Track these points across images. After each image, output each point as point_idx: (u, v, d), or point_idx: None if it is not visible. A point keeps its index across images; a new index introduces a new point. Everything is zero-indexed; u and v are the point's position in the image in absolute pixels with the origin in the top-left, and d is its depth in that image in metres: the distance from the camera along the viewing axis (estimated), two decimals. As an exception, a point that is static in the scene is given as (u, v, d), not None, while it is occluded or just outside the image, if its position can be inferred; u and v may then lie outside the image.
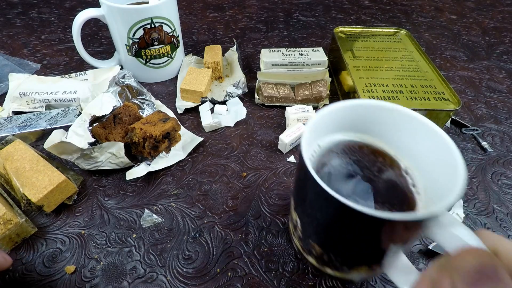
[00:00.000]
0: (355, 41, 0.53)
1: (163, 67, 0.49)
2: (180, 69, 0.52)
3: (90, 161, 0.35)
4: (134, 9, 0.42)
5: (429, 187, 0.22)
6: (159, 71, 0.50)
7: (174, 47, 0.49)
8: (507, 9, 0.79)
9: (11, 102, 0.43)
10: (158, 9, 0.43)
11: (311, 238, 0.23)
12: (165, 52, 0.48)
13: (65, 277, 0.28)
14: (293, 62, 0.48)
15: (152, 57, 0.47)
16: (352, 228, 0.19)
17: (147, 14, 0.43)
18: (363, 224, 0.18)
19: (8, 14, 0.66)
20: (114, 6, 0.42)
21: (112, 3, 0.42)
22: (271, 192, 0.35)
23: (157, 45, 0.46)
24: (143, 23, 0.43)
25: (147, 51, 0.46)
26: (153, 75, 0.50)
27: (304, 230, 0.24)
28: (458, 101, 0.41)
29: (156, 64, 0.48)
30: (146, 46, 0.46)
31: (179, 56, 0.52)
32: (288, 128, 0.40)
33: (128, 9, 0.42)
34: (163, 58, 0.48)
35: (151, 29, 0.44)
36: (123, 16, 0.43)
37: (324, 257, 0.23)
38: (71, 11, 0.68)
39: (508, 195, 0.36)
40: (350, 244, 0.21)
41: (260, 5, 0.74)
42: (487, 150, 0.41)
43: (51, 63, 0.53)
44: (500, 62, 0.59)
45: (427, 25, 0.70)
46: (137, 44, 0.45)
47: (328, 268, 0.24)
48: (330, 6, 0.75)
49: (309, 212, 0.22)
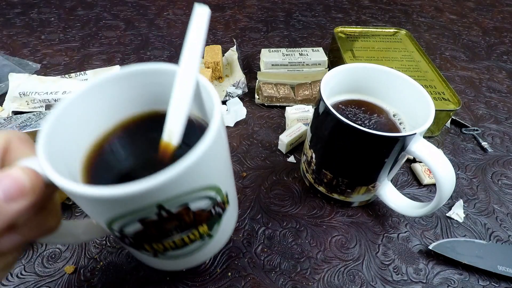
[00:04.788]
0: (355, 41, 0.53)
1: (189, 255, 0.23)
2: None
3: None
4: (110, 197, 0.15)
5: (411, 122, 0.30)
6: (180, 262, 0.24)
7: (218, 218, 0.22)
8: (507, 9, 0.79)
9: (11, 102, 0.43)
10: (178, 182, 0.16)
11: (324, 167, 0.31)
12: (194, 238, 0.22)
13: (64, 277, 0.28)
14: (293, 62, 0.48)
15: (168, 248, 0.21)
16: (359, 149, 0.27)
17: (145, 200, 0.16)
18: (369, 143, 0.26)
19: (8, 14, 0.66)
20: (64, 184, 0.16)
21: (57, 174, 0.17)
22: (271, 192, 0.35)
23: (179, 233, 0.20)
24: (137, 215, 0.17)
25: (157, 245, 0.21)
26: (169, 265, 0.25)
27: (318, 162, 0.31)
28: (458, 101, 0.41)
29: (176, 254, 0.22)
30: (152, 240, 0.20)
31: (227, 219, 0.24)
32: (288, 128, 0.40)
33: (93, 197, 0.15)
34: (191, 245, 0.22)
35: (163, 219, 0.18)
36: (85, 205, 0.18)
37: (333, 183, 0.31)
38: (71, 11, 0.68)
39: (508, 195, 0.36)
40: (355, 166, 0.29)
41: (260, 5, 0.74)
42: (487, 150, 0.41)
43: (51, 63, 0.53)
44: (500, 62, 0.59)
45: (427, 25, 0.70)
46: (132, 237, 0.19)
47: (335, 193, 0.33)
48: (330, 6, 0.75)
49: (325, 144, 0.29)
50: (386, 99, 0.33)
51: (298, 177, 0.37)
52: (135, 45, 0.58)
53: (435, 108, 0.27)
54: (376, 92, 0.33)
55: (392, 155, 0.27)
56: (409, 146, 0.26)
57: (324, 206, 0.34)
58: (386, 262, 0.30)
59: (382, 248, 0.31)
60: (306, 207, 0.34)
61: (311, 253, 0.30)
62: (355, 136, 0.26)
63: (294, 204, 0.34)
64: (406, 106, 0.31)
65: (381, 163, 0.28)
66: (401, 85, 0.31)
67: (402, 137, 0.25)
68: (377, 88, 0.33)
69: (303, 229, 0.32)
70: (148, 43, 0.59)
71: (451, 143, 0.43)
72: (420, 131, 0.25)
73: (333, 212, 0.34)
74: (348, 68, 0.32)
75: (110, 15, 0.67)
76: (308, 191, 0.36)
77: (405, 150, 0.27)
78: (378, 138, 0.25)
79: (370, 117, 0.31)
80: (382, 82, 0.32)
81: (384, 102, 0.33)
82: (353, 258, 0.30)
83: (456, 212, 0.34)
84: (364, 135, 0.25)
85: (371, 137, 0.25)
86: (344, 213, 0.34)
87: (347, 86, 0.33)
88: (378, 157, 0.27)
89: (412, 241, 0.32)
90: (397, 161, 0.28)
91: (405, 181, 0.38)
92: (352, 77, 0.32)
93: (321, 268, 0.29)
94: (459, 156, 0.41)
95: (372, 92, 0.33)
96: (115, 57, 0.55)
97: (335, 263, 0.30)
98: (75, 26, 0.63)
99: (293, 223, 0.33)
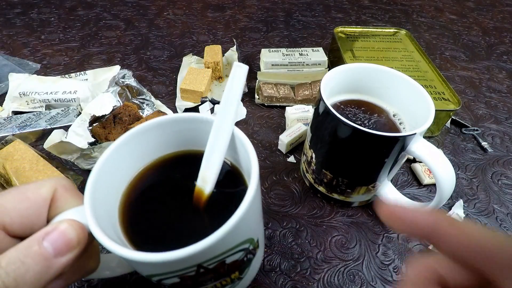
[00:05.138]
0: (355, 41, 0.53)
1: None
2: (180, 69, 0.52)
3: (90, 161, 0.35)
4: (156, 260, 0.15)
5: (411, 122, 0.30)
6: None
7: (249, 263, 0.22)
8: (507, 9, 0.79)
9: (11, 102, 0.43)
10: (218, 246, 0.17)
11: (324, 167, 0.31)
12: (226, 283, 0.21)
13: (65, 277, 0.28)
14: (293, 62, 0.48)
15: None
16: (359, 149, 0.27)
17: (186, 263, 0.17)
18: (369, 143, 0.26)
19: (8, 14, 0.66)
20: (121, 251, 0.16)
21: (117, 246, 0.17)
22: (271, 192, 0.35)
23: (213, 282, 0.20)
24: (176, 273, 0.17)
25: None
26: None
27: (318, 162, 0.31)
28: (458, 101, 0.41)
29: None
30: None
31: (257, 260, 0.24)
32: (288, 128, 0.40)
33: (136, 261, 0.16)
34: None
35: (200, 274, 0.18)
36: (128, 262, 0.17)
37: (333, 183, 0.31)
38: (71, 11, 0.68)
39: (508, 195, 0.36)
40: (355, 166, 0.29)
41: (260, 5, 0.74)
42: (487, 150, 0.41)
43: (51, 63, 0.53)
44: (500, 62, 0.59)
45: (427, 25, 0.70)
46: (168, 287, 0.19)
47: (335, 193, 0.32)
48: (330, 6, 0.75)
49: (325, 144, 0.29)
50: (386, 99, 0.33)
51: (298, 177, 0.37)
52: (135, 45, 0.58)
53: (435, 108, 0.27)
54: (376, 92, 0.33)
55: (392, 155, 0.27)
56: (409, 146, 0.26)
57: (324, 206, 0.34)
58: (386, 262, 0.30)
59: (382, 248, 0.31)
60: (306, 207, 0.34)
61: (311, 253, 0.30)
62: (355, 136, 0.26)
63: (294, 204, 0.34)
64: (406, 106, 0.31)
65: (381, 163, 0.28)
66: (401, 85, 0.31)
67: (402, 137, 0.25)
68: (377, 88, 0.33)
69: (303, 229, 0.32)
70: (148, 43, 0.59)
71: (451, 143, 0.43)
72: (420, 131, 0.25)
73: (333, 212, 0.34)
74: (348, 68, 0.32)
75: (110, 15, 0.67)
76: (308, 191, 0.36)
77: (405, 150, 0.27)
78: (378, 138, 0.25)
79: (370, 117, 0.31)
80: (382, 82, 0.32)
81: (384, 102, 0.33)
82: (353, 258, 0.30)
83: (456, 212, 0.34)
84: (364, 135, 0.25)
85: (371, 137, 0.25)
86: (344, 213, 0.34)
87: (347, 86, 0.33)
88: (378, 157, 0.27)
89: (412, 241, 0.32)
90: (397, 161, 0.28)
91: (405, 181, 0.38)
92: (352, 77, 0.32)
93: (321, 268, 0.29)
94: (459, 156, 0.41)
95: (372, 92, 0.33)
96: (115, 57, 0.55)
97: (335, 263, 0.30)
98: (75, 26, 0.63)
99: (293, 223, 0.33)
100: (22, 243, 0.16)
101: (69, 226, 0.17)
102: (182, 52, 0.57)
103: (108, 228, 0.18)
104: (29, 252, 0.15)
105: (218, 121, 0.20)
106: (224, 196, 0.21)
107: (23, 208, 0.17)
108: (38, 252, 0.15)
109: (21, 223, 0.17)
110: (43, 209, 0.18)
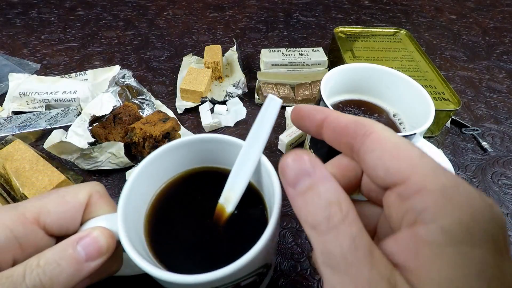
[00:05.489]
0: (355, 41, 0.53)
1: None
2: (180, 69, 0.52)
3: (90, 161, 0.35)
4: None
5: (411, 122, 0.31)
6: None
7: (261, 283, 0.23)
8: (507, 9, 0.79)
9: (11, 102, 0.43)
10: (237, 273, 0.17)
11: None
12: None
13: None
14: (293, 62, 0.48)
15: None
16: None
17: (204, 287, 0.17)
18: None
19: (8, 14, 0.66)
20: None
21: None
22: (271, 192, 0.35)
23: None
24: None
25: None
26: None
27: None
28: (458, 101, 0.41)
29: None
30: None
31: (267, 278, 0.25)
32: (288, 128, 0.40)
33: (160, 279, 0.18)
34: None
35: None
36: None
37: None
38: (71, 11, 0.68)
39: (508, 195, 0.36)
40: None
41: (260, 5, 0.74)
42: (487, 150, 0.41)
43: (51, 63, 0.53)
44: (500, 62, 0.59)
45: (427, 25, 0.70)
46: None
47: None
48: (330, 6, 0.75)
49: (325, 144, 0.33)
50: (386, 99, 0.33)
51: (298, 177, 0.37)
52: (135, 45, 0.58)
53: (435, 108, 0.27)
54: (376, 92, 0.33)
55: None
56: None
57: (324, 206, 0.34)
58: (386, 262, 0.30)
59: (382, 248, 0.31)
60: (306, 207, 0.34)
61: (311, 253, 0.30)
62: None
63: (294, 204, 0.34)
64: (406, 106, 0.31)
65: None
66: (401, 85, 0.31)
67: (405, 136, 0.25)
68: (377, 88, 0.33)
69: (303, 229, 0.32)
70: (148, 43, 0.59)
71: (451, 143, 0.43)
72: (420, 131, 0.25)
73: (333, 212, 0.34)
74: (348, 68, 0.32)
75: (110, 15, 0.67)
76: (308, 191, 0.35)
77: None
78: None
79: (370, 117, 0.31)
80: (382, 82, 0.32)
81: (384, 102, 0.33)
82: (353, 258, 0.30)
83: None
84: None
85: None
86: (344, 213, 0.34)
87: (347, 86, 0.33)
88: None
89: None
90: None
91: (405, 181, 0.37)
92: (352, 77, 0.32)
93: (321, 268, 0.29)
94: (459, 156, 0.41)
95: (372, 92, 0.33)
96: (115, 57, 0.55)
97: (335, 263, 0.30)
98: (75, 26, 0.63)
99: (293, 223, 0.33)
100: (58, 245, 0.17)
101: (100, 233, 0.18)
102: (182, 52, 0.57)
103: (134, 238, 0.19)
104: (64, 255, 0.17)
105: (247, 146, 0.21)
106: (244, 216, 0.22)
107: (62, 211, 0.19)
108: (72, 256, 0.17)
109: (59, 224, 0.18)
110: (79, 213, 0.19)
